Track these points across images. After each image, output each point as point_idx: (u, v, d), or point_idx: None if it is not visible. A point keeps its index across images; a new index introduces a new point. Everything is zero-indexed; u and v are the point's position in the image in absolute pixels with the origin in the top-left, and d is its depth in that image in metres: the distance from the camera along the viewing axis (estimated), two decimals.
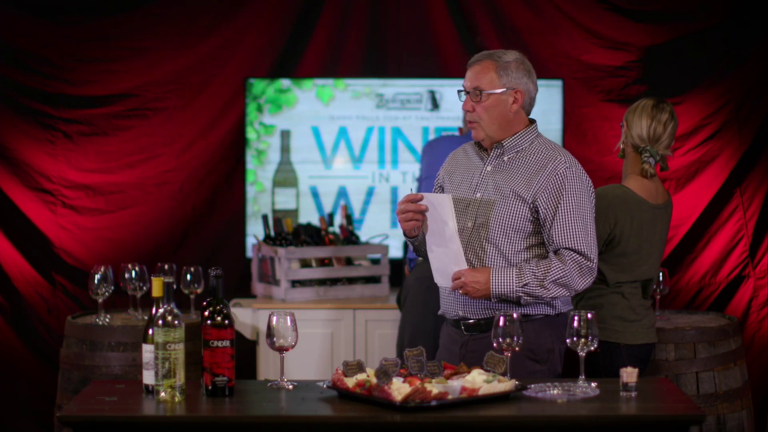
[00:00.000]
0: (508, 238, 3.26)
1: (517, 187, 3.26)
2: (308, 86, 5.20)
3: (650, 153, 3.75)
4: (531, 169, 3.28)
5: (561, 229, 3.22)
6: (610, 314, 3.73)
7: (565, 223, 3.22)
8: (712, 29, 5.29)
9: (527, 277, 3.20)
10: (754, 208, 5.29)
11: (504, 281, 3.21)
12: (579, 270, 3.21)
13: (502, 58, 3.31)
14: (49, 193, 5.23)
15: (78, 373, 4.23)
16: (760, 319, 5.28)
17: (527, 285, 3.20)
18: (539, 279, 3.20)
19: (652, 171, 3.76)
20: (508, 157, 3.32)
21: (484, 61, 3.32)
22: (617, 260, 3.72)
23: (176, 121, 5.29)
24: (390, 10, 5.38)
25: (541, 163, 3.28)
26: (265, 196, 5.22)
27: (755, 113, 5.29)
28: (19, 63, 5.20)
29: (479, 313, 3.30)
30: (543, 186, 3.24)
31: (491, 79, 3.29)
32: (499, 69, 3.29)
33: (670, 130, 3.79)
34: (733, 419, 4.17)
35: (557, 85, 5.19)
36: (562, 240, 3.22)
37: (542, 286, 3.20)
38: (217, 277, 2.94)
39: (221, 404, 2.85)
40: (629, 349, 3.72)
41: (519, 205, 3.25)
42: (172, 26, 5.28)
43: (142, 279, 4.35)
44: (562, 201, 3.23)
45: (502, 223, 3.26)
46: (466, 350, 3.32)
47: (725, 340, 4.21)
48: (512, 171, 3.30)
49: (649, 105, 3.80)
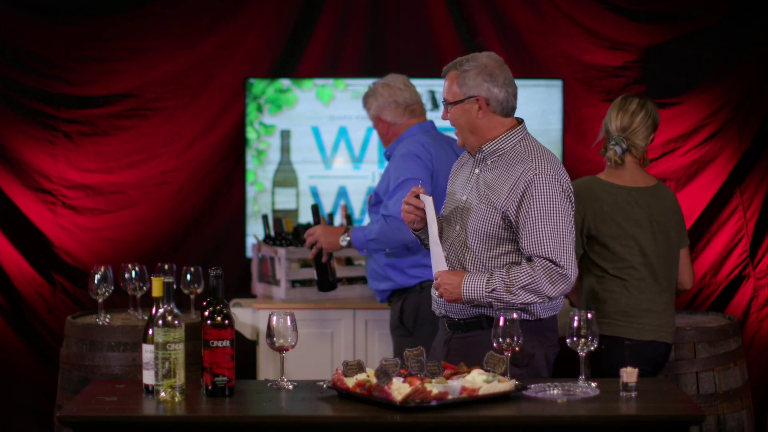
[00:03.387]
0: (483, 244, 3.27)
1: (491, 193, 3.26)
2: (308, 86, 5.20)
3: (615, 141, 3.85)
4: (506, 176, 3.25)
5: (529, 236, 3.18)
6: (613, 308, 3.77)
7: (533, 230, 3.18)
8: (712, 29, 5.29)
9: (495, 283, 3.18)
10: (754, 208, 5.29)
11: (474, 286, 3.20)
12: (548, 276, 3.16)
13: (462, 66, 3.29)
14: (49, 193, 5.23)
15: (78, 373, 4.23)
16: (760, 319, 5.28)
17: (495, 290, 3.18)
18: (507, 285, 3.17)
19: (618, 159, 3.84)
20: (491, 160, 3.32)
21: (450, 71, 3.32)
22: (602, 249, 3.79)
23: (176, 121, 5.29)
24: (390, 10, 5.38)
25: (512, 169, 3.25)
26: (265, 196, 5.22)
27: (755, 113, 5.29)
28: (19, 63, 5.20)
29: (459, 313, 3.32)
30: (511, 193, 3.22)
31: (453, 90, 3.30)
32: (458, 79, 3.28)
33: (640, 119, 3.86)
34: (733, 419, 4.17)
35: (557, 85, 5.19)
36: (531, 247, 3.18)
37: (510, 292, 3.17)
38: (217, 277, 2.94)
39: (221, 404, 2.85)
40: (633, 347, 3.73)
41: (491, 213, 3.25)
42: (172, 26, 5.28)
43: (142, 279, 4.35)
44: (531, 208, 3.19)
45: (476, 229, 3.27)
46: (449, 348, 3.34)
47: (725, 340, 4.21)
48: (490, 176, 3.30)
49: (618, 99, 3.94)
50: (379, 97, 4.37)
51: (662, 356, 3.85)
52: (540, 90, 5.20)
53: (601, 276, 3.81)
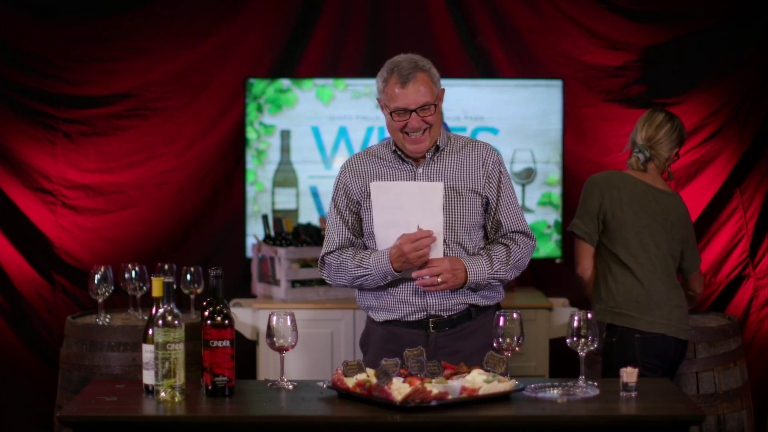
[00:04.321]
0: (468, 233, 3.33)
1: (467, 183, 3.34)
2: (308, 86, 5.20)
3: (639, 149, 3.97)
4: (469, 163, 3.36)
5: (507, 213, 3.36)
6: (624, 298, 3.85)
7: (510, 208, 3.36)
8: (712, 29, 5.29)
9: (495, 264, 3.30)
10: (754, 208, 5.29)
11: (479, 270, 3.28)
12: (529, 251, 3.38)
13: (424, 65, 3.33)
14: (49, 193, 5.23)
15: (78, 373, 4.23)
16: (760, 319, 5.28)
17: (497, 271, 3.30)
18: (503, 263, 3.31)
19: (640, 166, 3.96)
20: (437, 155, 3.37)
21: (417, 74, 3.29)
22: (616, 236, 3.89)
23: (176, 121, 5.29)
24: (390, 10, 5.38)
25: (475, 154, 3.36)
26: (265, 196, 5.22)
27: (755, 113, 5.29)
28: (19, 63, 5.20)
29: (450, 309, 3.33)
30: (489, 175, 3.34)
31: (433, 91, 3.31)
32: (432, 77, 3.32)
33: (665, 132, 3.99)
34: (733, 419, 4.18)
35: (557, 85, 5.19)
36: (510, 224, 3.36)
37: (507, 270, 3.32)
38: (217, 277, 2.94)
39: (221, 404, 2.85)
40: (644, 340, 3.77)
41: (475, 199, 3.33)
42: (172, 26, 5.28)
43: (142, 279, 4.35)
44: (506, 187, 3.37)
45: (461, 220, 3.31)
46: (435, 348, 3.32)
47: (725, 340, 4.22)
48: (448, 169, 3.35)
49: (647, 112, 4.07)
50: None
51: (673, 351, 3.86)
52: (540, 90, 5.20)
53: (613, 264, 3.88)
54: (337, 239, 3.39)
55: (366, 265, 3.29)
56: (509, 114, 5.19)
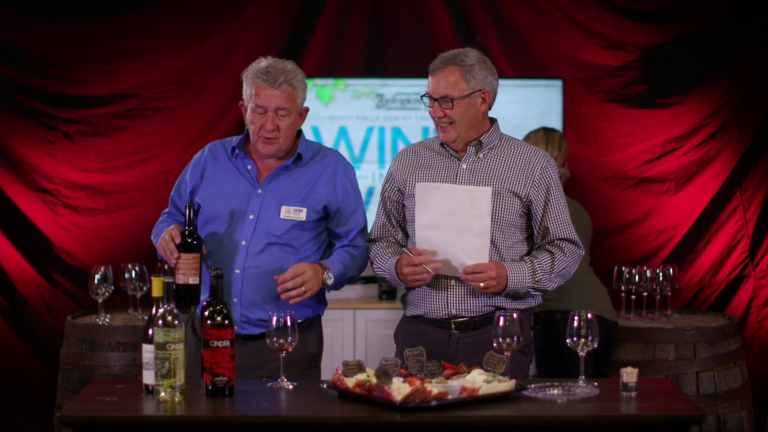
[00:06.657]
0: (503, 232, 3.32)
1: (508, 183, 3.32)
2: (308, 86, 5.19)
3: None
4: (515, 165, 3.35)
5: (555, 221, 3.33)
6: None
7: (558, 215, 3.34)
8: (712, 29, 5.29)
9: (538, 272, 3.28)
10: (754, 208, 5.29)
11: (520, 277, 3.27)
12: (576, 259, 3.37)
13: (465, 61, 3.32)
14: (49, 193, 5.23)
15: (78, 373, 4.23)
16: (760, 319, 5.28)
17: (540, 281, 3.29)
18: (547, 272, 3.29)
19: None
20: (482, 154, 3.37)
21: (448, 66, 3.32)
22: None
23: (176, 121, 5.29)
24: (390, 10, 5.38)
25: (524, 158, 3.36)
26: None
27: (755, 113, 5.29)
28: (19, 63, 5.20)
29: (476, 311, 3.33)
30: (536, 181, 3.32)
31: (460, 86, 3.32)
32: (464, 73, 3.31)
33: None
34: (733, 419, 4.18)
35: (557, 85, 5.19)
36: (558, 231, 3.33)
37: (549, 279, 3.31)
38: (217, 277, 2.94)
39: (221, 404, 2.85)
40: (565, 319, 3.71)
41: (513, 200, 3.32)
42: (172, 26, 5.28)
43: (142, 279, 4.35)
44: (555, 193, 3.34)
45: (496, 218, 3.30)
46: (456, 349, 3.34)
47: (725, 340, 4.22)
48: (492, 167, 3.35)
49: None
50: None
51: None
52: (540, 90, 5.20)
53: None
54: (378, 224, 3.52)
55: (385, 268, 3.39)
56: (509, 114, 5.18)
